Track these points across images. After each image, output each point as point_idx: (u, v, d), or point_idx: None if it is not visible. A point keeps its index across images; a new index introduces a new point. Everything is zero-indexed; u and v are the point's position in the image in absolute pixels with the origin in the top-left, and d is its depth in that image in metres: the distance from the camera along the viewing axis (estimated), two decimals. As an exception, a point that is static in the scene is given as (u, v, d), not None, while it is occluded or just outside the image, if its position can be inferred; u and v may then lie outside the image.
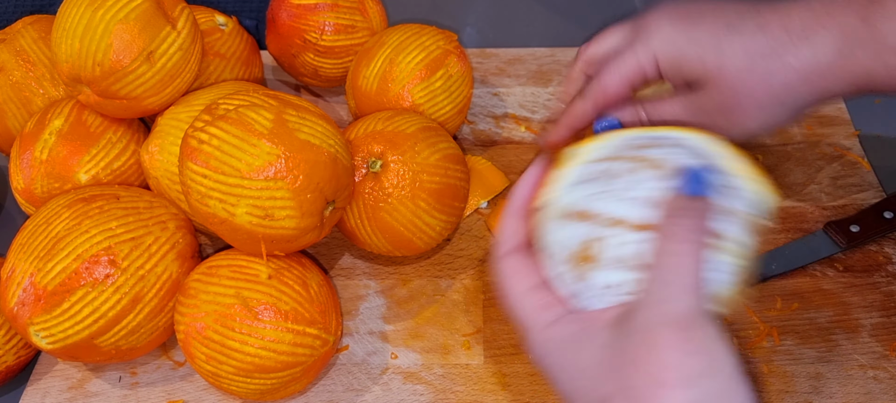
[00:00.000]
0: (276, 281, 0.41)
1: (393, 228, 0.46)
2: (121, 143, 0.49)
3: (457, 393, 0.45)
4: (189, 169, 0.40)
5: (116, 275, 0.41)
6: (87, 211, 0.42)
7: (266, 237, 0.40)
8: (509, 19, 0.71)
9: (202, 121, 0.40)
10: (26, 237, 0.42)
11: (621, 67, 0.39)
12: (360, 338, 0.48)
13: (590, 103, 0.41)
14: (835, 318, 0.47)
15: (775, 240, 0.51)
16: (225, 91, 0.48)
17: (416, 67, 0.50)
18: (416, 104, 0.50)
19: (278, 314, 0.40)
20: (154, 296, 0.42)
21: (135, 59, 0.43)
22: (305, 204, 0.40)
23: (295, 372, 0.41)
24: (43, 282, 0.40)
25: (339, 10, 0.54)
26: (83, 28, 0.42)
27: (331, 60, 0.56)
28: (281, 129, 0.39)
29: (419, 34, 0.52)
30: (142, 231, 0.43)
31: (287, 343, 0.40)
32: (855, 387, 0.44)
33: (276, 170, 0.38)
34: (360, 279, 0.51)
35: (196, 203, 0.40)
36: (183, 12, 0.46)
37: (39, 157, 0.47)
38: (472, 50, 0.66)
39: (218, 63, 0.53)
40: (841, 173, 0.55)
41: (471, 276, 0.51)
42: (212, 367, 0.41)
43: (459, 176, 0.48)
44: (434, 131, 0.48)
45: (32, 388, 0.47)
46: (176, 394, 0.46)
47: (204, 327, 0.40)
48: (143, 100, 0.45)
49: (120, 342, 0.42)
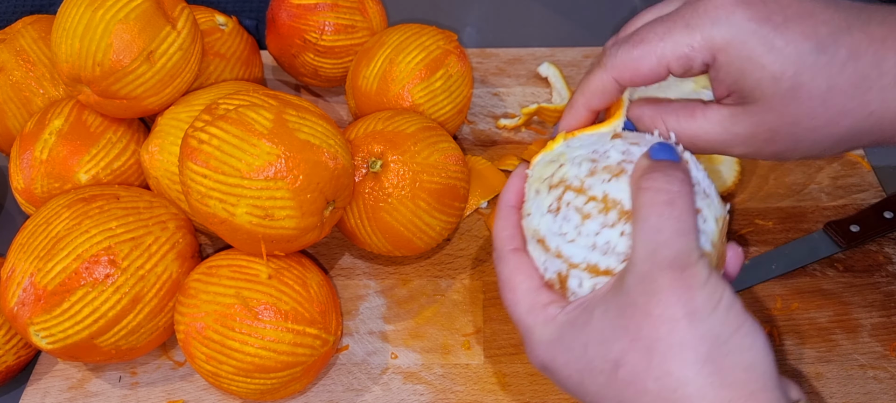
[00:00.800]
0: (276, 280, 0.41)
1: (393, 228, 0.46)
2: (121, 143, 0.49)
3: (457, 393, 0.45)
4: (189, 168, 0.40)
5: (116, 275, 0.41)
6: (87, 211, 0.42)
7: (266, 237, 0.40)
8: (509, 19, 0.71)
9: (202, 121, 0.40)
10: (26, 237, 0.42)
11: (664, 42, 0.32)
12: (360, 338, 0.48)
13: (612, 75, 0.34)
14: (835, 318, 0.47)
15: (775, 240, 0.51)
16: (225, 91, 0.48)
17: (416, 67, 0.50)
18: (416, 104, 0.50)
19: (278, 314, 0.40)
20: (154, 296, 0.42)
21: (135, 59, 0.43)
22: (305, 205, 0.40)
23: (295, 372, 0.42)
24: (43, 282, 0.40)
25: (339, 10, 0.54)
26: (83, 28, 0.42)
27: (331, 60, 0.56)
28: (281, 129, 0.39)
29: (419, 34, 0.52)
30: (142, 231, 0.43)
31: (287, 343, 0.40)
32: (855, 387, 0.44)
33: (277, 170, 0.38)
34: (360, 279, 0.51)
35: (196, 203, 0.40)
36: (183, 12, 0.46)
37: (39, 157, 0.47)
38: (472, 50, 0.66)
39: (218, 63, 0.53)
40: (841, 173, 0.55)
41: (471, 276, 0.51)
42: (212, 367, 0.41)
43: (459, 176, 0.48)
44: (434, 131, 0.48)
45: (32, 388, 0.47)
46: (176, 394, 0.46)
47: (204, 327, 0.40)
48: (143, 100, 0.45)
49: (120, 342, 0.42)
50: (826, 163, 0.56)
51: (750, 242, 0.51)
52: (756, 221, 0.52)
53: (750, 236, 0.52)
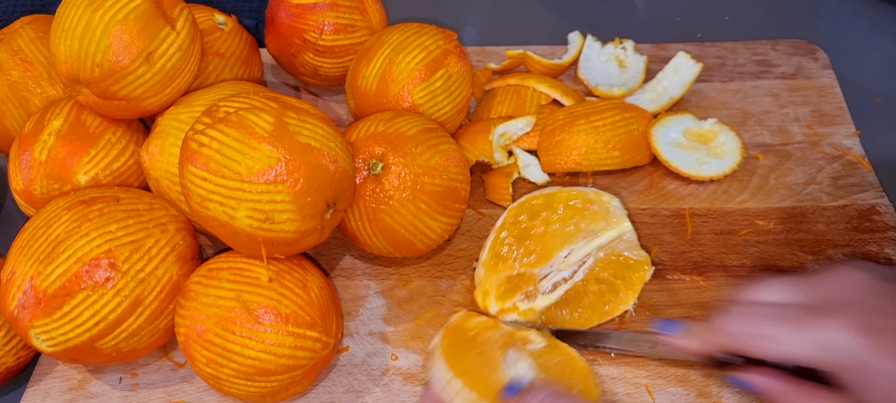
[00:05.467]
0: (277, 284, 0.41)
1: (394, 230, 0.46)
2: (120, 144, 0.48)
3: (457, 395, 0.45)
4: (189, 171, 0.39)
5: (117, 278, 0.41)
6: (86, 213, 0.42)
7: (266, 240, 0.40)
8: (509, 19, 0.71)
9: (202, 124, 0.40)
10: (26, 239, 0.42)
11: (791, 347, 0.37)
12: (360, 340, 0.48)
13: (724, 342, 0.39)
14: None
15: (776, 240, 0.51)
16: (225, 92, 0.47)
17: (416, 67, 0.50)
18: (415, 104, 0.50)
19: (279, 317, 0.40)
20: (154, 299, 0.42)
21: (134, 60, 0.43)
22: (306, 208, 0.40)
23: (295, 375, 0.41)
24: (43, 285, 0.40)
25: (338, 10, 0.54)
26: (82, 28, 0.42)
27: (330, 60, 0.56)
28: (281, 132, 0.39)
29: (419, 34, 0.52)
30: (142, 233, 0.42)
31: (287, 346, 0.40)
32: (855, 389, 0.44)
33: (277, 174, 0.38)
34: (360, 280, 0.51)
35: (196, 206, 0.40)
36: (182, 12, 0.46)
37: (38, 158, 0.46)
38: (472, 49, 0.66)
39: (217, 62, 0.53)
40: (841, 173, 0.55)
41: (471, 277, 0.51)
42: (212, 370, 0.41)
43: (460, 178, 0.48)
44: (435, 132, 0.48)
45: (33, 389, 0.47)
46: (176, 396, 0.46)
47: (204, 330, 0.40)
48: (143, 100, 0.45)
49: (120, 344, 0.42)
50: (826, 163, 0.56)
51: (750, 242, 0.51)
52: (756, 221, 0.52)
53: (750, 236, 0.52)
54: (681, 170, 0.53)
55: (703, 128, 0.55)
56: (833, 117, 0.59)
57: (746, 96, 0.61)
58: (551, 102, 0.58)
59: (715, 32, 0.67)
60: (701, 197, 0.54)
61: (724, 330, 0.39)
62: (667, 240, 0.52)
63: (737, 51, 0.64)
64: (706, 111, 0.60)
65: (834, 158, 0.56)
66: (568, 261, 0.47)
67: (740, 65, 0.63)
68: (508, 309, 0.45)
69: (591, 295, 0.47)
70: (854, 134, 0.57)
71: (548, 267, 0.47)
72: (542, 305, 0.46)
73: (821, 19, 0.68)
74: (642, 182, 0.55)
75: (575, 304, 0.47)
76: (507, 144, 0.55)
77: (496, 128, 0.54)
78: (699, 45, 0.65)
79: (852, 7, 0.69)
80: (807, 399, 0.38)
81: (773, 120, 0.59)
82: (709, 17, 0.69)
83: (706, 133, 0.55)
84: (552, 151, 0.54)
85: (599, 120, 0.54)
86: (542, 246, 0.47)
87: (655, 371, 0.45)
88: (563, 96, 0.57)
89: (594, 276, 0.47)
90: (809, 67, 0.62)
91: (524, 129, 0.55)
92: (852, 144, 0.57)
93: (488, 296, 0.46)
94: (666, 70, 0.59)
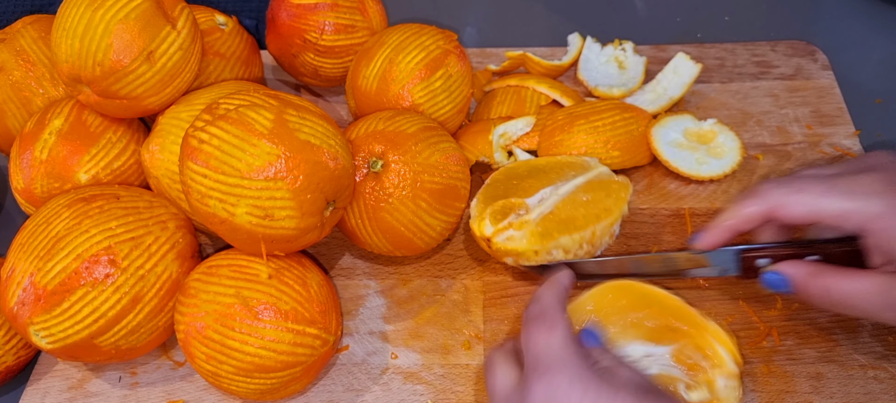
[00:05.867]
0: (277, 280, 0.41)
1: (393, 228, 0.46)
2: (121, 143, 0.49)
3: (457, 393, 0.45)
4: (189, 168, 0.39)
5: (116, 275, 0.41)
6: (87, 210, 0.42)
7: (266, 237, 0.40)
8: (509, 19, 0.71)
9: (202, 121, 0.40)
10: (26, 237, 0.42)
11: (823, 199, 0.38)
12: (360, 338, 0.48)
13: (765, 208, 0.41)
14: (835, 318, 0.47)
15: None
16: (225, 90, 0.48)
17: (416, 67, 0.50)
18: (416, 104, 0.50)
19: (278, 314, 0.40)
20: (154, 296, 0.42)
21: (135, 59, 0.43)
22: (306, 205, 0.40)
23: (295, 372, 0.41)
24: (43, 282, 0.40)
25: (338, 10, 0.54)
26: (83, 28, 0.42)
27: (331, 60, 0.56)
28: (281, 129, 0.39)
29: (419, 34, 0.52)
30: (142, 230, 0.43)
31: (287, 342, 0.40)
32: (855, 387, 0.44)
33: (277, 171, 0.38)
34: (360, 279, 0.51)
35: (196, 203, 0.40)
36: (183, 12, 0.46)
37: (39, 157, 0.47)
38: (472, 50, 0.66)
39: (218, 62, 0.53)
40: (841, 173, 0.55)
41: (471, 276, 0.51)
42: (212, 367, 0.41)
43: (460, 176, 0.48)
44: (435, 131, 0.48)
45: (32, 388, 0.47)
46: (176, 394, 0.46)
47: (204, 326, 0.40)
48: (144, 99, 0.45)
49: (120, 342, 0.42)
50: (826, 163, 0.56)
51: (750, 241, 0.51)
52: (756, 221, 0.52)
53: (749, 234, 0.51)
54: (681, 170, 0.54)
55: (702, 129, 0.55)
56: (833, 117, 0.59)
57: (746, 97, 0.61)
58: (551, 103, 0.58)
59: (714, 33, 0.67)
60: (701, 197, 0.54)
61: (762, 191, 0.41)
62: (667, 240, 0.52)
63: (736, 52, 0.64)
64: (706, 112, 0.60)
65: (834, 158, 0.56)
66: (556, 192, 0.48)
67: (740, 65, 0.63)
68: (503, 227, 0.46)
69: (582, 206, 0.48)
70: (854, 134, 0.57)
71: (536, 197, 0.48)
72: (535, 217, 0.46)
73: (820, 20, 0.69)
74: (642, 182, 0.55)
75: (571, 226, 0.47)
76: (507, 144, 0.55)
77: (496, 128, 0.54)
78: (699, 45, 0.65)
79: (852, 7, 0.69)
80: (837, 276, 0.38)
81: (772, 120, 0.59)
82: (708, 17, 0.69)
83: (706, 133, 0.55)
84: (552, 151, 0.54)
85: (599, 120, 0.54)
86: (530, 185, 0.49)
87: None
88: (563, 97, 0.57)
89: (581, 192, 0.49)
90: (809, 68, 0.62)
91: (524, 129, 0.55)
92: (852, 144, 0.57)
93: (484, 220, 0.47)
94: (665, 71, 0.59)
